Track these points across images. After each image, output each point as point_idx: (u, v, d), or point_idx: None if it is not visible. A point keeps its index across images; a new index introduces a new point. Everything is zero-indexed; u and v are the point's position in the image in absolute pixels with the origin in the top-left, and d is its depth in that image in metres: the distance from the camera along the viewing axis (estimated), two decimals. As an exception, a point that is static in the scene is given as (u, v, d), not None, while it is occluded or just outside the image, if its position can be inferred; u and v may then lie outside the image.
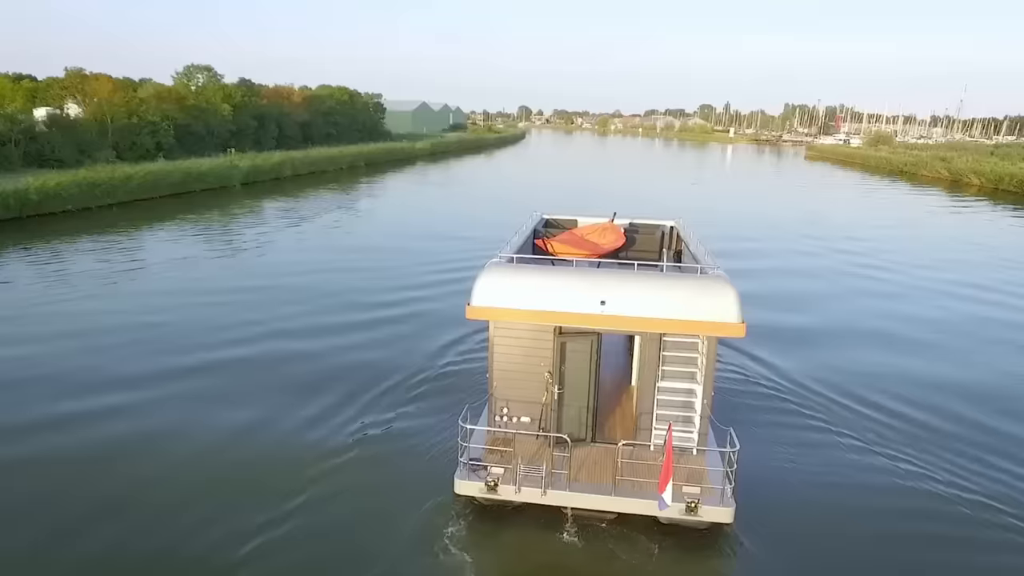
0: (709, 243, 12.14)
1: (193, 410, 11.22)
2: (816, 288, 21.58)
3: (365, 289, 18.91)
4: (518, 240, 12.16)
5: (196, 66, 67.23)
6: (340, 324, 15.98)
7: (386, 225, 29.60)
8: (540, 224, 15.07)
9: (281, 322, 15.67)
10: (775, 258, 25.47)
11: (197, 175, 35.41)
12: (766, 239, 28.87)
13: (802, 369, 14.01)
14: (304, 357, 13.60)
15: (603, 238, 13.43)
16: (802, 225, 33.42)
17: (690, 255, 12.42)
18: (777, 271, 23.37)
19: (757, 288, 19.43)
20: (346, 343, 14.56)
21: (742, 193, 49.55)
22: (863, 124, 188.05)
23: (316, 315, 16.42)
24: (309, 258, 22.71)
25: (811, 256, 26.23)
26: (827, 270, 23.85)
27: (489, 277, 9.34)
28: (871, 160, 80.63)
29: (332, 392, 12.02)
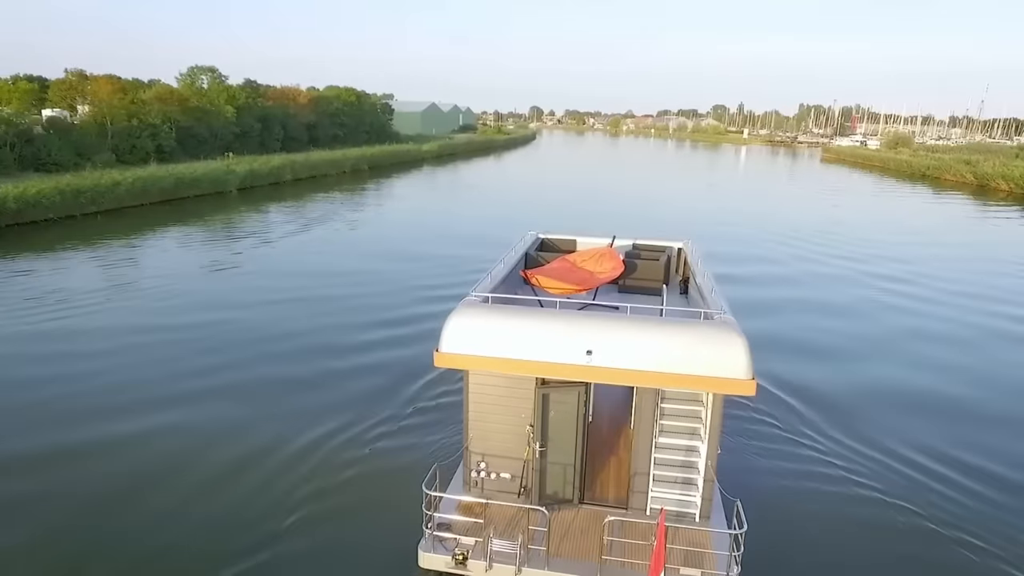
0: (721, 264, 10.57)
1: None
2: (843, 318, 18.76)
3: (327, 329, 15.93)
4: (503, 269, 10.68)
5: (200, 67, 66.22)
6: (293, 372, 13.48)
7: (377, 241, 27.02)
8: (534, 246, 13.50)
9: (190, 381, 12.38)
10: (795, 281, 22.52)
11: (190, 180, 34.12)
12: (784, 256, 26.13)
13: (833, 417, 12.16)
14: (232, 424, 11.23)
15: (599, 266, 11.84)
16: (824, 238, 30.67)
17: (696, 287, 10.85)
18: (798, 295, 20.75)
19: (775, 322, 17.72)
20: (301, 387, 12.78)
21: (757, 200, 47.05)
22: (880, 125, 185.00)
23: (253, 366, 13.31)
24: (279, 284, 19.36)
25: (837, 280, 22.92)
26: (856, 296, 20.60)
27: (461, 319, 8.06)
28: (891, 163, 78.27)
29: (281, 449, 10.39)
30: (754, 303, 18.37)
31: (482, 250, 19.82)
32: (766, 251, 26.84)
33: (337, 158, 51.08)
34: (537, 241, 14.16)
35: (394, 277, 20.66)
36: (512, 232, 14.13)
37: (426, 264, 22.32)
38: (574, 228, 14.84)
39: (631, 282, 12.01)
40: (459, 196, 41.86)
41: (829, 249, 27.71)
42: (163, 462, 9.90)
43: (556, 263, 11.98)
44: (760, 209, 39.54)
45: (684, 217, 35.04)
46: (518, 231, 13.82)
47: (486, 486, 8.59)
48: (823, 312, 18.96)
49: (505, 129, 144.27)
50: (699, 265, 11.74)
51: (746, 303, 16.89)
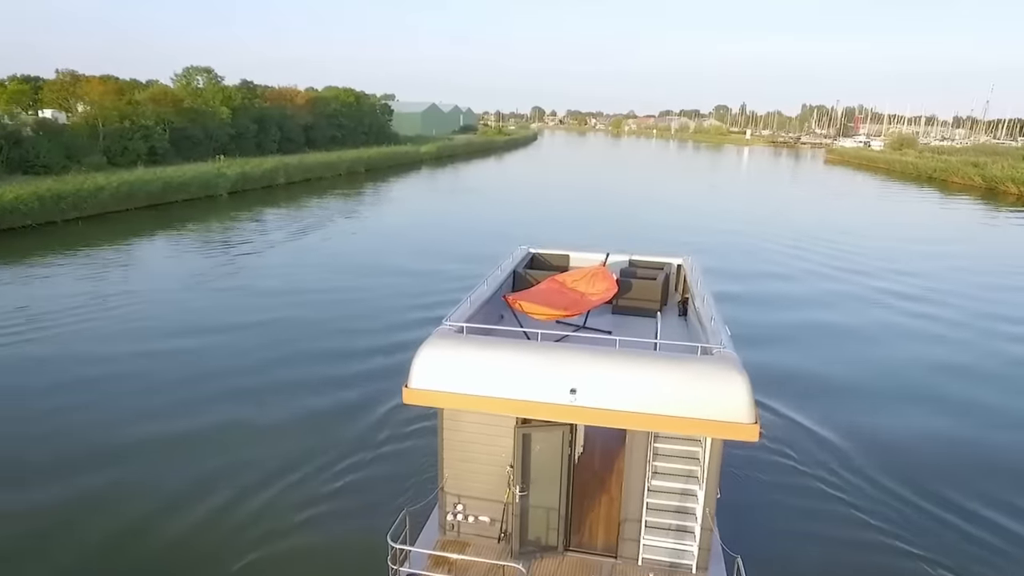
0: (724, 280, 9.64)
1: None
2: (855, 343, 17.05)
3: (295, 354, 14.42)
4: (485, 291, 9.74)
5: (196, 67, 65.44)
6: (254, 399, 12.29)
7: (363, 252, 25.09)
8: (523, 263, 12.53)
9: (134, 427, 10.85)
10: (802, 299, 20.41)
11: (179, 184, 33.18)
12: (791, 270, 24.42)
13: (850, 457, 11.08)
14: (182, 459, 10.21)
15: (591, 287, 10.86)
16: (831, 247, 28.80)
17: (695, 310, 9.92)
18: (806, 317, 18.76)
19: (781, 348, 16.34)
20: (261, 417, 11.69)
21: (761, 205, 45.68)
22: (883, 125, 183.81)
23: (212, 400, 11.90)
24: (254, 303, 17.76)
25: (847, 298, 20.76)
26: (869, 319, 18.71)
27: (432, 351, 7.23)
28: (896, 165, 77.10)
29: (232, 484, 9.40)
30: (758, 326, 17.13)
31: (472, 265, 18.65)
32: (770, 263, 25.30)
33: (332, 160, 50.11)
34: (527, 257, 13.16)
35: (376, 294, 19.12)
36: (506, 242, 13.18)
37: (413, 279, 20.77)
38: (571, 235, 13.74)
39: (626, 303, 11.09)
40: (456, 201, 40.67)
41: (837, 261, 26.02)
42: (106, 498, 8.96)
43: (544, 284, 11.01)
44: (764, 215, 38.00)
45: (684, 223, 33.68)
46: (513, 241, 12.82)
47: (463, 530, 7.80)
48: (833, 336, 17.23)
49: (506, 130, 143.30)
50: (699, 284, 10.81)
51: (749, 326, 15.92)
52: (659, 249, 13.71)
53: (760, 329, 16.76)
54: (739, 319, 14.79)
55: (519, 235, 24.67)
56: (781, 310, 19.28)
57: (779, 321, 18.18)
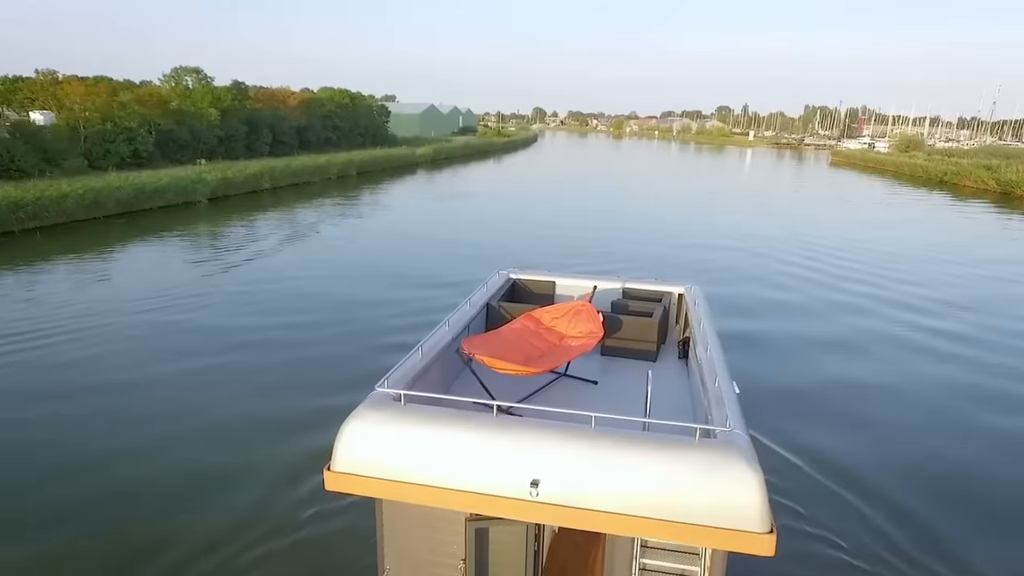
0: (731, 312, 7.81)
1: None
2: (885, 388, 13.75)
3: (217, 416, 11.42)
4: (446, 335, 7.91)
5: (184, 68, 63.68)
6: (160, 472, 9.72)
7: (332, 277, 20.89)
8: (500, 292, 10.65)
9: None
10: (822, 335, 16.69)
11: (153, 190, 31.28)
12: (808, 295, 20.68)
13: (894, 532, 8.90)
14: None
15: (573, 327, 8.95)
16: (847, 263, 25.30)
17: (697, 357, 8.09)
18: (831, 364, 14.96)
19: (805, 402, 13.15)
20: (162, 493, 9.46)
21: (771, 214, 43.06)
22: (888, 127, 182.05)
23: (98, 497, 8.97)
24: (190, 346, 14.28)
25: (878, 339, 16.61)
26: (913, 371, 14.67)
27: (359, 426, 5.50)
28: (905, 168, 75.13)
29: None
30: (770, 380, 13.52)
31: (449, 292, 16.42)
32: (784, 288, 21.30)
33: (322, 164, 48.20)
34: (506, 284, 11.23)
35: (325, 334, 15.43)
36: (489, 262, 11.23)
37: (384, 310, 17.00)
38: (560, 248, 11.76)
39: (617, 343, 9.33)
40: (446, 208, 38.48)
41: (861, 285, 21.88)
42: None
43: (518, 323, 9.08)
44: (774, 226, 35.15)
45: (685, 234, 31.27)
46: (497, 259, 10.86)
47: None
48: (865, 398, 13.09)
49: (505, 131, 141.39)
50: (703, 320, 8.89)
51: (760, 381, 13.19)
52: (657, 271, 11.62)
53: (773, 386, 13.41)
54: (749, 369, 12.89)
55: (505, 250, 22.34)
56: (798, 355, 15.51)
57: (797, 373, 14.40)
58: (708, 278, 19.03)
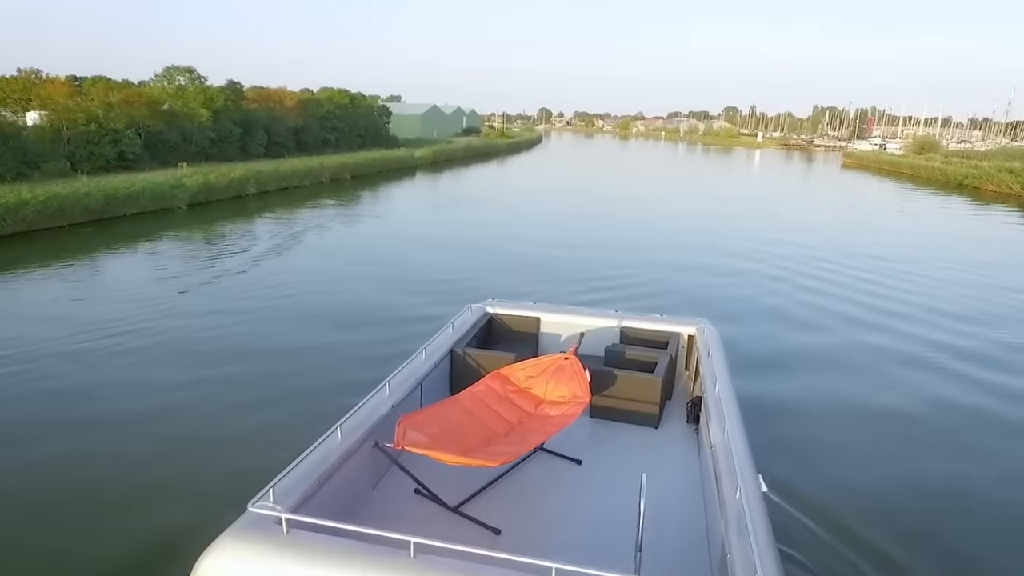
0: (750, 358, 5.84)
1: None
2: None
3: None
4: (377, 409, 6.01)
5: (177, 67, 61.97)
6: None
7: (290, 306, 17.24)
8: (470, 334, 8.64)
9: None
10: (872, 407, 11.61)
11: (125, 196, 29.24)
12: (841, 335, 15.81)
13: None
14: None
15: (552, 390, 6.87)
16: (890, 291, 20.32)
17: (709, 436, 6.15)
18: (883, 430, 10.72)
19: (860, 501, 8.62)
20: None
21: (788, 221, 39.81)
22: (899, 128, 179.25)
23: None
24: (111, 404, 11.11)
25: (941, 406, 11.73)
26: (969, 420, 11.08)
27: (218, 566, 3.53)
28: (922, 170, 72.53)
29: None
30: (806, 460, 9.55)
31: (422, 329, 12.39)
32: (814, 327, 16.25)
33: (313, 167, 46.15)
34: (481, 321, 9.15)
35: (255, 393, 11.55)
36: (476, 279, 9.01)
37: (332, 358, 13.18)
38: (557, 263, 9.59)
39: (610, 402, 7.46)
40: (438, 217, 35.85)
41: (905, 322, 16.79)
42: None
43: (479, 388, 6.96)
44: (790, 238, 31.10)
45: (692, 251, 27.16)
46: (485, 276, 8.73)
47: None
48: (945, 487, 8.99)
49: (509, 132, 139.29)
50: (719, 375, 7.00)
51: (791, 462, 9.11)
52: (660, 297, 9.52)
53: (808, 482, 8.75)
54: (779, 435, 9.96)
55: (491, 272, 19.86)
56: (839, 429, 10.69)
57: (843, 468, 9.38)
58: (719, 310, 16.76)
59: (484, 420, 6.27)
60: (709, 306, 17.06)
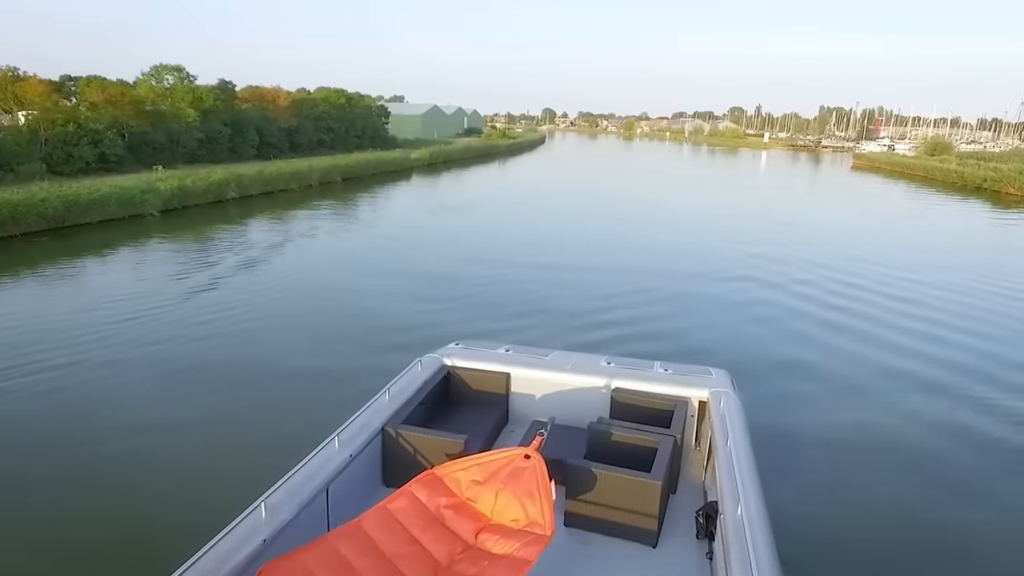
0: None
1: None
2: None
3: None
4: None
5: (165, 66, 60.07)
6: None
7: (247, 339, 14.38)
8: (419, 397, 6.66)
9: None
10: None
11: (88, 202, 27.12)
12: (883, 393, 12.03)
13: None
14: None
15: (501, 506, 4.63)
16: (932, 326, 16.38)
17: (727, 566, 3.66)
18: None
19: None
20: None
21: (805, 231, 35.94)
22: (907, 128, 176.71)
23: None
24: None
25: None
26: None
27: None
28: (937, 172, 70.01)
29: None
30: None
31: (373, 382, 9.92)
32: (842, 380, 12.60)
33: (301, 170, 43.96)
34: (436, 378, 7.02)
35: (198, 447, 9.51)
36: (453, 311, 6.96)
37: (287, 400, 10.90)
38: (541, 286, 7.40)
39: (591, 509, 5.42)
40: (426, 226, 32.54)
41: (962, 373, 13.12)
42: None
43: (398, 503, 4.69)
44: (808, 251, 27.07)
45: (696, 269, 22.94)
46: (463, 308, 6.89)
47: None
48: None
49: (511, 133, 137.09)
50: (741, 465, 4.96)
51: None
52: (660, 324, 7.52)
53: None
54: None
55: (468, 301, 17.43)
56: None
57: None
58: (734, 353, 13.81)
59: (396, 563, 4.09)
60: (725, 350, 13.75)
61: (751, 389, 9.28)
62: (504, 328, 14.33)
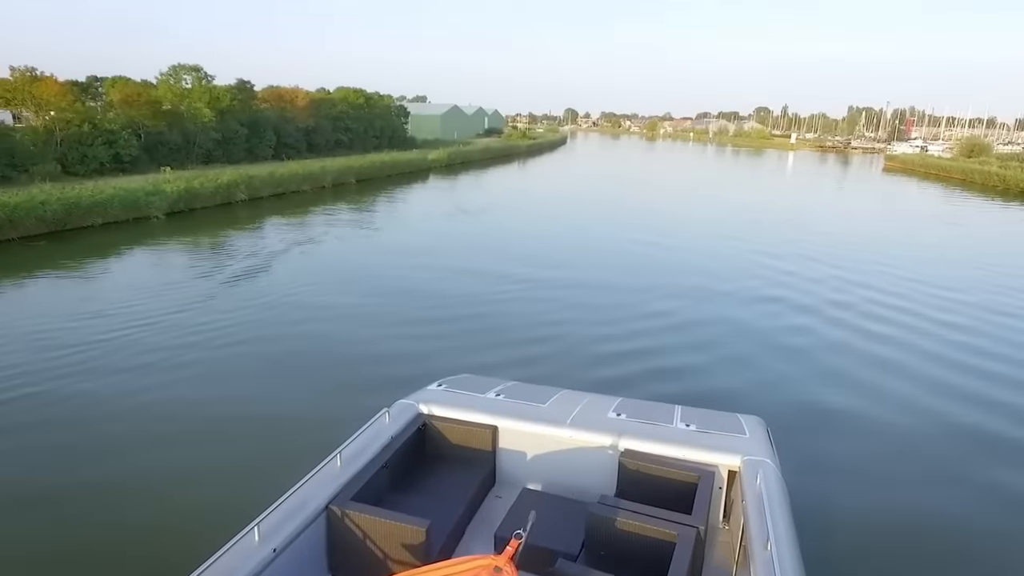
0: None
1: None
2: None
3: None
4: None
5: (183, 65, 59.63)
6: None
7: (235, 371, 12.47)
8: (387, 456, 5.14)
9: None
10: None
11: (90, 205, 26.33)
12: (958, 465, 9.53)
13: None
14: None
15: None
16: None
17: None
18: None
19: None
20: None
21: (840, 242, 30.95)
22: (941, 128, 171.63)
23: None
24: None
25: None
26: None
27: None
28: (976, 175, 67.01)
29: None
30: None
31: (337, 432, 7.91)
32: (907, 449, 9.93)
33: (314, 171, 43.02)
34: (408, 432, 5.55)
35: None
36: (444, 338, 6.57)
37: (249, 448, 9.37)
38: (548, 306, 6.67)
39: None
40: (439, 231, 30.49)
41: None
42: None
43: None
44: (846, 267, 23.91)
45: (727, 286, 20.54)
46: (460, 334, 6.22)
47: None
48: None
49: (531, 133, 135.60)
50: (784, 554, 2.94)
51: None
52: (685, 368, 6.72)
53: None
54: None
55: (467, 326, 15.91)
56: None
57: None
58: (767, 394, 11.97)
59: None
60: (756, 390, 11.89)
61: (790, 445, 7.76)
62: (502, 360, 12.55)
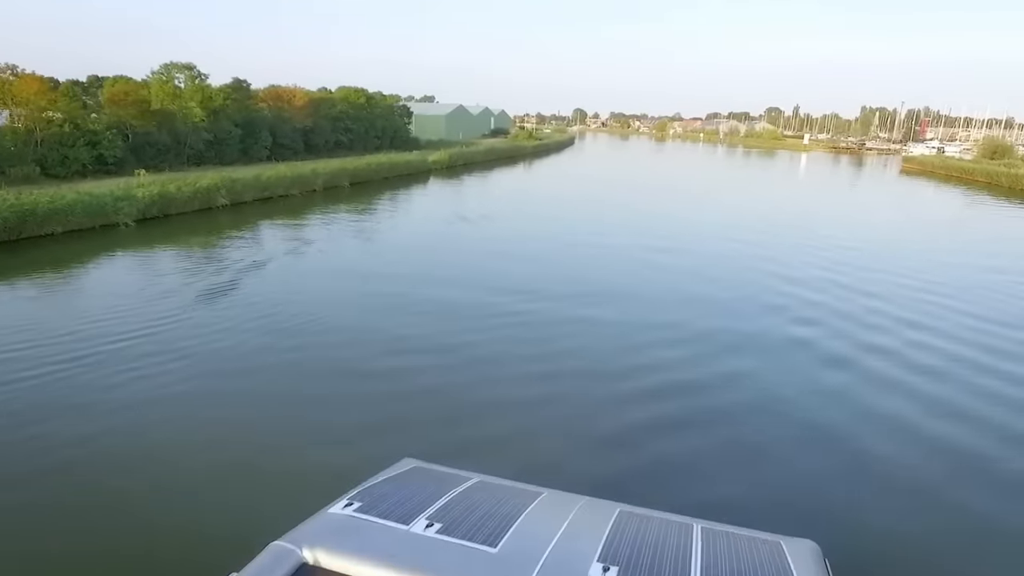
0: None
1: None
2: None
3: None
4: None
5: (175, 64, 57.61)
6: None
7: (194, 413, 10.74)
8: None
9: None
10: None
11: (47, 212, 24.20)
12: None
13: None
14: None
15: None
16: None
17: None
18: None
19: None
20: None
21: (869, 261, 26.99)
22: (957, 129, 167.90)
23: None
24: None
25: None
26: None
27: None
28: (1002, 178, 64.09)
29: None
30: None
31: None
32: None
33: (304, 173, 40.75)
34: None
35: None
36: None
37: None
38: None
39: None
40: (426, 247, 27.02)
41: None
42: None
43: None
44: (880, 295, 20.73)
45: (746, 323, 16.84)
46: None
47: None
48: None
49: (538, 133, 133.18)
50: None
51: None
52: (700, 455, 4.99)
53: None
54: None
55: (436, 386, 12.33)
56: None
57: None
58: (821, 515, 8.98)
59: None
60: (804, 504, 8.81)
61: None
62: (466, 439, 9.86)
